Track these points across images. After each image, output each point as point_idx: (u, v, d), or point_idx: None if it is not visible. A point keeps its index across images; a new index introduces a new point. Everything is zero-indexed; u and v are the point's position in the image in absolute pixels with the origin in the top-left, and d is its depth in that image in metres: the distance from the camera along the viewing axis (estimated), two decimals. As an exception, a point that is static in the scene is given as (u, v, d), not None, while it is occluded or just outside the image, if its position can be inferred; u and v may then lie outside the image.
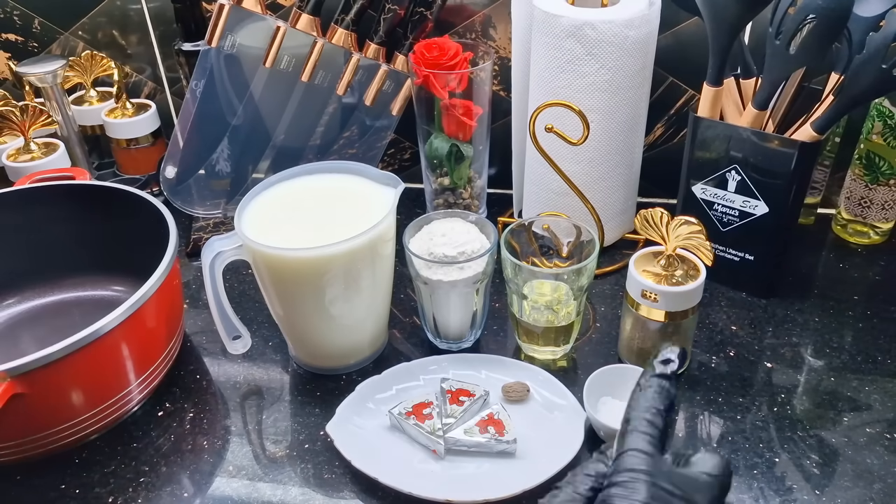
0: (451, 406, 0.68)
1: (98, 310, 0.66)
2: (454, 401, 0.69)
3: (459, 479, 0.64)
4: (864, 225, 0.91)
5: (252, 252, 0.68)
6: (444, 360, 0.75)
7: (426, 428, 0.66)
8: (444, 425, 0.67)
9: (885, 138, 0.84)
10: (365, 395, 0.71)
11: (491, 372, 0.74)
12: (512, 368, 0.74)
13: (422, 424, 0.67)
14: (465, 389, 0.70)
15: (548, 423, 0.69)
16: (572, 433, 0.66)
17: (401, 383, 0.73)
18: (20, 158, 0.97)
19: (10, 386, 0.59)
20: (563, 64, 0.80)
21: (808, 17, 0.67)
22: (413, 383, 0.73)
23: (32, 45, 1.07)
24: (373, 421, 0.69)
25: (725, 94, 0.80)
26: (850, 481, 0.64)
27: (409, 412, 0.68)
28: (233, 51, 0.91)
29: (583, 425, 0.67)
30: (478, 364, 0.74)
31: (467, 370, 0.74)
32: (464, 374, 0.73)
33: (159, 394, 0.74)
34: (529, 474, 0.63)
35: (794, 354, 0.77)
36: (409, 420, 0.67)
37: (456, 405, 0.68)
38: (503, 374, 0.73)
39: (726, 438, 0.68)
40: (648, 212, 0.69)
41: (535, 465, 0.64)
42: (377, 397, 0.71)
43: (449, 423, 0.67)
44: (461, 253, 0.72)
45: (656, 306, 0.69)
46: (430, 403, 0.69)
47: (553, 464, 0.63)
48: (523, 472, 0.63)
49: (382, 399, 0.71)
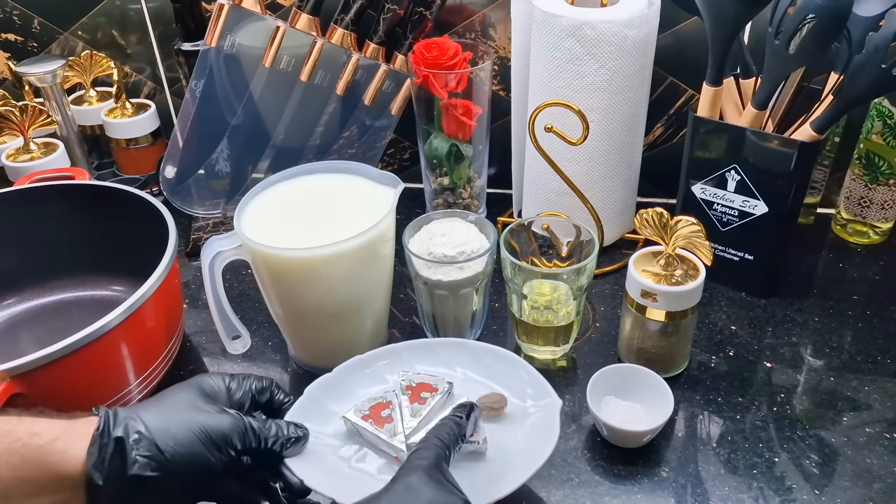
0: (413, 405, 0.61)
1: (97, 310, 0.66)
2: (416, 398, 0.62)
3: None
4: (864, 225, 0.91)
5: (251, 252, 0.68)
6: (402, 347, 0.68)
7: (385, 433, 0.59)
8: (405, 429, 0.59)
9: (884, 138, 0.84)
10: (316, 398, 0.63)
11: (455, 362, 0.66)
12: (478, 352, 0.67)
13: (380, 430, 0.59)
14: (427, 384, 0.63)
15: (521, 417, 0.62)
16: (546, 429, 0.59)
17: (356, 379, 0.66)
18: (20, 158, 0.97)
19: (10, 386, 0.59)
20: (563, 64, 0.80)
21: (807, 16, 0.67)
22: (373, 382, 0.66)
23: (32, 44, 1.07)
24: (329, 427, 0.62)
25: (725, 93, 0.80)
26: (849, 481, 0.64)
27: (365, 416, 0.60)
28: (232, 50, 0.91)
29: (557, 416, 0.60)
30: (440, 351, 0.67)
31: (430, 359, 0.67)
32: (426, 368, 0.66)
33: (159, 394, 0.74)
34: (501, 481, 0.56)
35: (794, 354, 0.77)
36: (366, 424, 0.60)
37: (418, 404, 0.61)
38: (470, 359, 0.66)
39: (726, 438, 0.68)
40: (648, 212, 0.69)
41: (508, 470, 0.57)
42: (332, 394, 0.64)
43: (412, 425, 0.60)
44: (461, 253, 0.72)
45: (656, 306, 0.69)
46: (390, 403, 0.61)
47: (528, 466, 0.57)
48: (495, 478, 0.56)
49: (338, 398, 0.64)
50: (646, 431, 0.66)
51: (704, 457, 0.66)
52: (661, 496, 0.63)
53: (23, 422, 0.48)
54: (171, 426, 0.50)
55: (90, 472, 0.47)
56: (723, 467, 0.65)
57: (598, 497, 0.63)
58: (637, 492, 0.64)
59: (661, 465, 0.66)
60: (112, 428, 0.49)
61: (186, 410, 0.52)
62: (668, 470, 0.65)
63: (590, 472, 0.66)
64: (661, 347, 0.72)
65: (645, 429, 0.65)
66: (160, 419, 0.50)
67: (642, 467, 0.66)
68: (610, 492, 0.64)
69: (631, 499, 0.63)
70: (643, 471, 0.65)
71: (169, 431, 0.49)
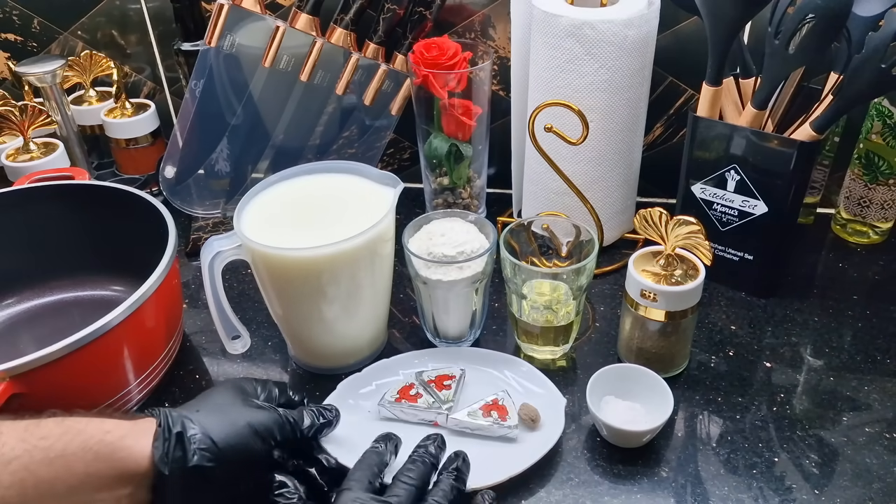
0: (442, 393, 0.69)
1: (97, 310, 0.66)
2: (440, 387, 0.70)
3: None
4: (864, 224, 0.91)
5: (251, 252, 0.69)
6: (424, 354, 0.76)
7: (422, 405, 0.68)
8: (444, 405, 0.68)
9: (884, 138, 0.84)
10: (345, 393, 0.72)
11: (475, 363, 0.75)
12: (492, 359, 0.75)
13: (415, 404, 0.68)
14: (444, 374, 0.71)
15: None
16: (553, 419, 0.68)
17: (380, 378, 0.73)
18: (19, 158, 0.97)
19: (10, 385, 0.59)
20: (563, 63, 0.80)
21: (807, 16, 0.67)
22: (392, 378, 0.73)
23: (32, 44, 1.07)
24: (356, 416, 0.69)
25: (725, 93, 0.80)
26: (849, 481, 0.64)
27: (397, 398, 0.69)
28: (232, 50, 0.91)
29: (562, 412, 0.68)
30: (458, 357, 0.75)
31: (446, 362, 0.75)
32: (434, 364, 0.74)
33: (159, 394, 0.74)
34: (519, 459, 0.65)
35: (794, 354, 0.77)
36: (401, 405, 0.68)
37: (445, 391, 0.70)
38: (486, 366, 0.74)
39: (725, 438, 0.68)
40: (647, 211, 0.69)
41: (523, 451, 0.66)
42: (360, 392, 0.72)
43: (450, 405, 0.69)
44: (460, 252, 0.72)
45: (656, 306, 0.70)
46: (413, 385, 0.70)
47: (541, 447, 0.65)
48: (513, 457, 0.65)
49: (364, 394, 0.72)
50: (645, 431, 0.66)
51: (704, 456, 0.67)
52: (661, 496, 0.63)
53: (92, 422, 0.52)
54: (221, 422, 0.55)
55: (158, 465, 0.51)
56: (722, 467, 0.65)
57: (598, 497, 0.63)
58: (637, 492, 0.64)
59: (661, 464, 0.66)
60: (172, 425, 0.53)
61: (233, 408, 0.58)
62: (668, 470, 0.65)
63: (589, 471, 0.66)
64: (660, 347, 0.72)
65: (645, 429, 0.66)
66: (210, 416, 0.56)
67: (642, 467, 0.66)
68: (610, 491, 0.64)
69: (630, 498, 0.63)
70: (643, 471, 0.65)
71: (220, 426, 0.55)
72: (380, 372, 0.74)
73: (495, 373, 0.74)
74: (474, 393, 0.71)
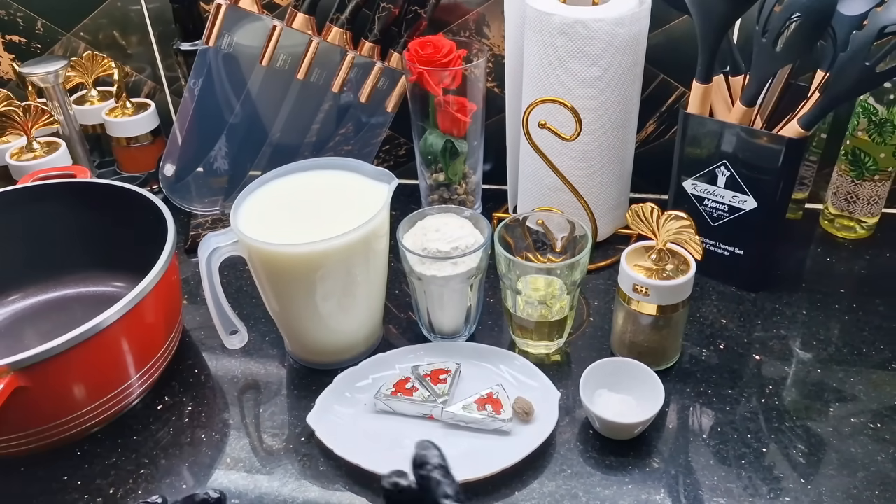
0: (437, 386, 0.71)
1: (98, 305, 0.67)
2: (436, 381, 0.71)
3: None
4: (851, 219, 0.92)
5: (248, 248, 0.69)
6: (420, 348, 0.77)
7: (417, 398, 0.70)
8: (440, 399, 0.70)
9: (869, 135, 0.85)
10: (342, 386, 0.73)
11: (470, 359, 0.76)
12: (486, 353, 0.76)
13: (411, 397, 0.70)
14: (439, 368, 0.73)
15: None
16: (547, 412, 0.69)
17: (376, 372, 0.74)
18: (23, 157, 0.98)
19: (14, 379, 0.60)
20: (556, 61, 0.81)
21: (793, 15, 0.68)
22: (389, 372, 0.74)
23: (35, 46, 1.08)
24: (352, 409, 0.71)
25: (714, 90, 0.81)
26: (835, 470, 0.65)
27: (393, 392, 0.70)
28: (230, 50, 0.92)
29: (556, 405, 0.69)
30: (453, 352, 0.76)
31: (441, 357, 0.76)
32: (430, 359, 0.75)
33: (159, 388, 0.76)
34: (513, 451, 0.65)
35: (783, 347, 0.78)
36: (396, 398, 0.70)
37: (441, 384, 0.71)
38: (481, 360, 0.75)
39: (716, 429, 0.69)
40: (639, 206, 0.70)
41: (517, 443, 0.66)
42: (357, 386, 0.73)
43: (445, 399, 0.70)
44: (455, 248, 0.73)
45: (647, 300, 0.71)
46: (409, 379, 0.72)
47: (534, 440, 0.66)
48: (507, 450, 0.66)
49: (360, 388, 0.73)
50: (637, 423, 0.67)
51: (695, 448, 0.68)
52: (652, 486, 0.64)
53: None
54: None
55: None
56: (713, 458, 0.67)
57: (590, 488, 0.64)
58: (628, 482, 0.65)
59: (653, 456, 0.67)
60: None
61: None
62: (659, 461, 0.66)
63: (582, 463, 0.67)
64: (652, 341, 0.73)
65: (636, 421, 0.66)
66: None
67: (633, 458, 0.67)
68: (601, 482, 0.65)
69: (622, 489, 0.64)
70: (634, 462, 0.66)
71: None
72: (376, 366, 0.75)
73: (490, 367, 0.75)
74: (469, 387, 0.72)
